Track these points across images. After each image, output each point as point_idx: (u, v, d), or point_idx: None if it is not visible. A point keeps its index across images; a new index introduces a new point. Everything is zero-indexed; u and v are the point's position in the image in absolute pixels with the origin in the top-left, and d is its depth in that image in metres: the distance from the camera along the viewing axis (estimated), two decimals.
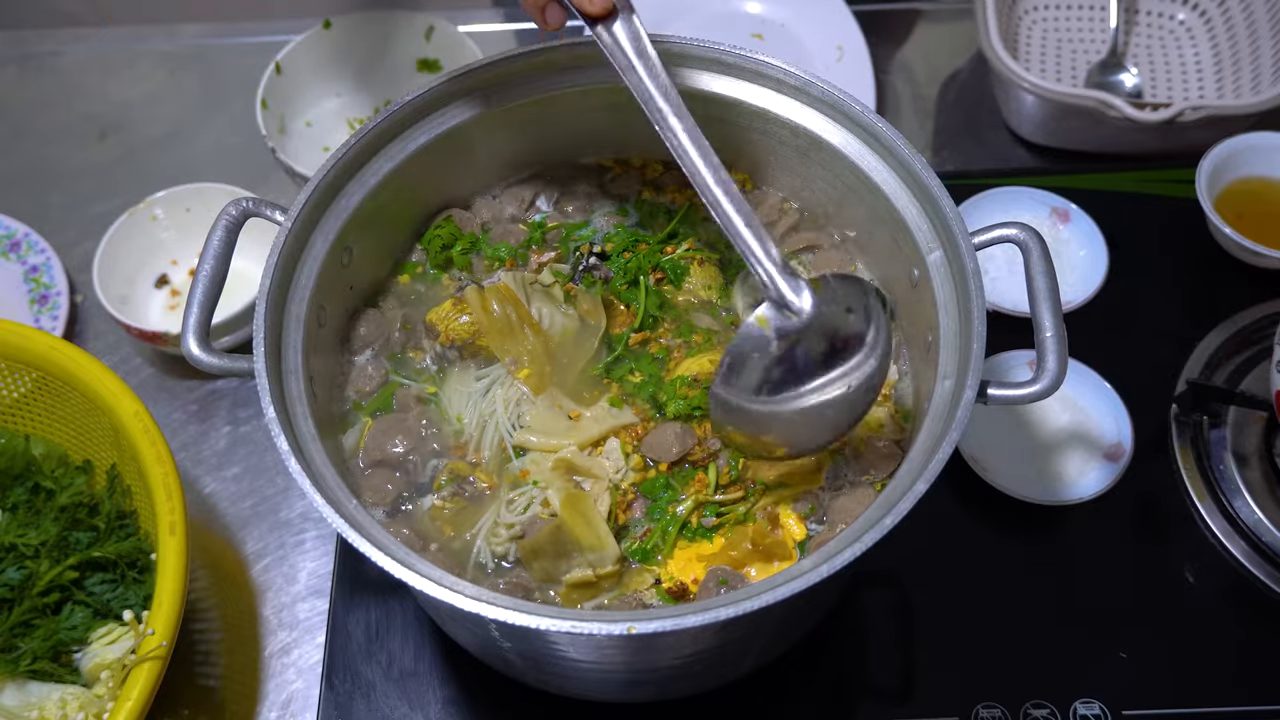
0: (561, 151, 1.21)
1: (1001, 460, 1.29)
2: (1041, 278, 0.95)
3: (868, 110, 1.04)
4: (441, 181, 1.16)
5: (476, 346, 1.09)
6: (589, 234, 1.18)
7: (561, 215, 1.21)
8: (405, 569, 0.84)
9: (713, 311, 1.13)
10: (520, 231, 1.18)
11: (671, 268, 1.14)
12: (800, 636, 1.15)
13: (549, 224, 1.19)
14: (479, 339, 1.09)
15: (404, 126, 1.08)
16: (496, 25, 1.80)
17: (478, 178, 1.19)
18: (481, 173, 1.19)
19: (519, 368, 1.07)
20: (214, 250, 0.97)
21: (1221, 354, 1.38)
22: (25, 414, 1.28)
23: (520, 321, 1.08)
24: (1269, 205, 1.46)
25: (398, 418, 1.06)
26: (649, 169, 1.22)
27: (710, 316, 1.12)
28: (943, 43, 1.77)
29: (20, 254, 1.51)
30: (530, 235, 1.18)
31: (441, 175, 1.14)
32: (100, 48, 1.79)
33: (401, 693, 1.20)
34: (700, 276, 1.14)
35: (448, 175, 1.15)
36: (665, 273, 1.14)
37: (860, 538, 0.84)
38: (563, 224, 1.19)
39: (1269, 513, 1.26)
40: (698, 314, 1.13)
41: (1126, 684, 1.19)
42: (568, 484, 1.02)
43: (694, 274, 1.14)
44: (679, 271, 1.14)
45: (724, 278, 1.15)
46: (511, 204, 1.20)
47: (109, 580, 1.17)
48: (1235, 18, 1.65)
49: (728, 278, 1.15)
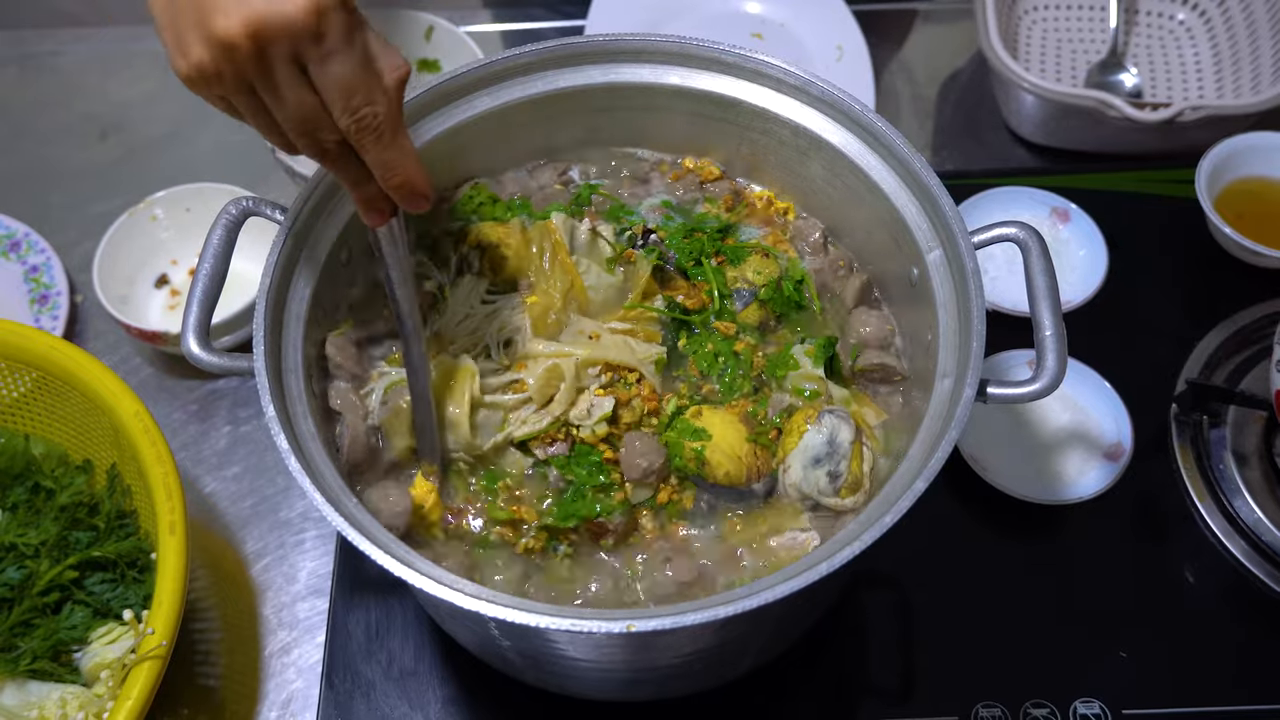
0: (590, 143, 1.20)
1: (1001, 460, 1.29)
2: (1041, 277, 0.95)
3: (868, 110, 1.04)
4: (442, 181, 1.15)
5: (500, 257, 1.08)
6: (639, 220, 1.15)
7: (607, 189, 1.19)
8: (405, 568, 0.84)
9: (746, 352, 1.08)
10: (562, 194, 1.17)
11: (733, 253, 1.12)
12: (800, 636, 1.15)
13: (599, 189, 1.17)
14: (504, 248, 1.08)
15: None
16: (497, 25, 1.80)
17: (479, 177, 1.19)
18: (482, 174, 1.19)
19: (531, 293, 1.06)
20: (214, 250, 0.97)
21: (1221, 354, 1.38)
22: (25, 414, 1.28)
23: (554, 257, 1.06)
24: (1269, 205, 1.46)
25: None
26: (704, 171, 1.20)
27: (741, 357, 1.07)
28: (943, 43, 1.77)
29: (20, 254, 1.51)
30: (580, 193, 1.16)
31: (442, 175, 1.14)
32: (100, 48, 1.79)
33: (401, 692, 1.20)
34: (758, 265, 1.11)
35: (448, 175, 1.15)
36: (726, 256, 1.12)
37: (860, 536, 0.84)
38: (610, 197, 1.17)
39: (1269, 512, 1.26)
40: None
41: (1126, 684, 1.19)
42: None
43: (751, 261, 1.12)
44: (740, 257, 1.12)
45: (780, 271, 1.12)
46: (545, 175, 1.19)
47: (109, 580, 1.17)
48: (1235, 18, 1.65)
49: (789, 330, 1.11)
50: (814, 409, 1.02)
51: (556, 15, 1.78)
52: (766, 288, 1.10)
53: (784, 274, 1.11)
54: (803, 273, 1.12)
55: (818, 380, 1.05)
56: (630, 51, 1.10)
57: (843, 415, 1.01)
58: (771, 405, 1.04)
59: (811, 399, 1.04)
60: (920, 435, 0.93)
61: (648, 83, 1.12)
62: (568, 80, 1.11)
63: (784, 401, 1.05)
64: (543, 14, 1.80)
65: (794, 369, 1.05)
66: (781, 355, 1.07)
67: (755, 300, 1.09)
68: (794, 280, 1.11)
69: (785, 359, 1.06)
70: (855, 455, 1.00)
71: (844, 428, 1.00)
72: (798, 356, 1.06)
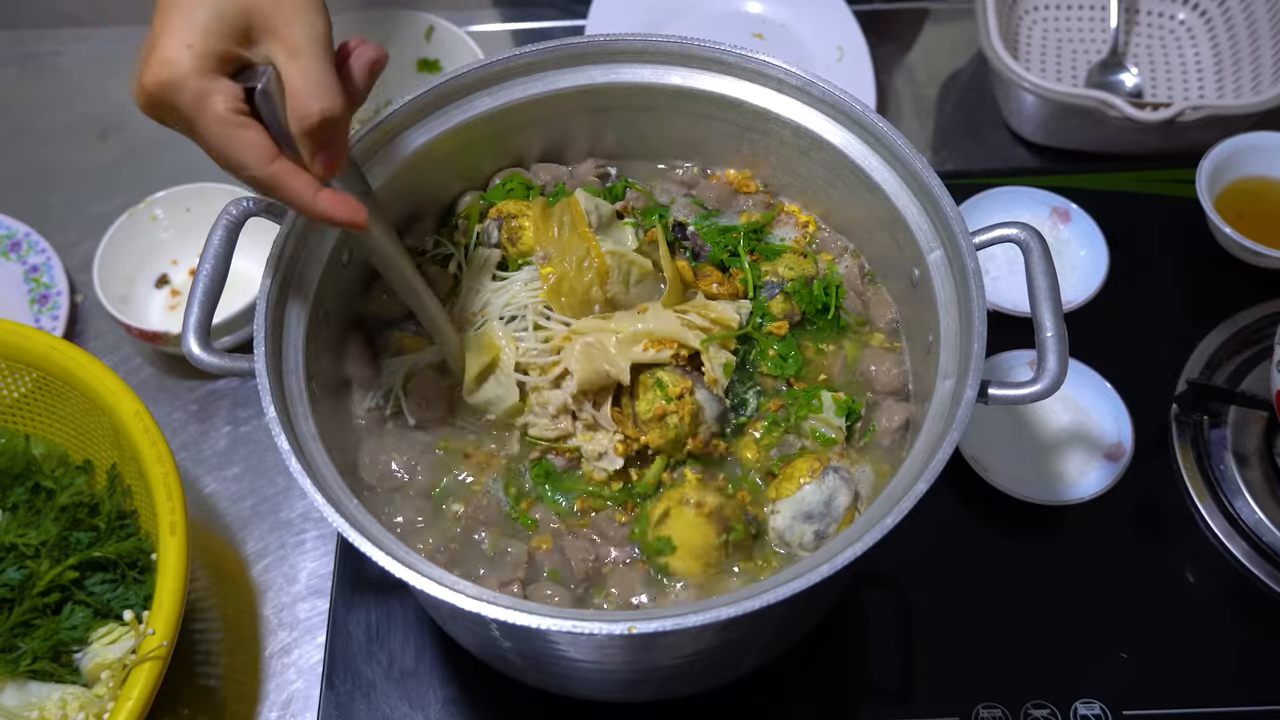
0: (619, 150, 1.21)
1: (1002, 460, 1.29)
2: (1042, 277, 0.95)
3: (868, 110, 1.04)
4: (442, 181, 1.15)
5: (518, 229, 1.07)
6: (670, 215, 1.14)
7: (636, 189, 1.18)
8: (405, 569, 0.84)
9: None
10: (594, 183, 1.16)
11: (767, 251, 1.12)
12: (800, 636, 1.15)
13: (634, 185, 1.16)
14: (522, 219, 1.07)
15: (404, 127, 1.08)
16: (497, 25, 1.80)
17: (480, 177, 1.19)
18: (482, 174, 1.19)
19: (546, 264, 1.05)
20: (214, 250, 0.96)
21: (1222, 354, 1.38)
22: (25, 414, 1.28)
23: (573, 226, 1.05)
24: (1269, 205, 1.46)
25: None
26: (740, 184, 1.19)
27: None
28: (943, 43, 1.77)
29: (20, 254, 1.51)
30: (614, 187, 1.15)
31: (442, 175, 1.14)
32: (100, 48, 1.79)
33: (402, 693, 1.20)
34: (790, 261, 1.11)
35: (449, 175, 1.15)
36: (762, 255, 1.12)
37: (861, 537, 0.84)
38: (644, 193, 1.16)
39: (1269, 513, 1.26)
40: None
41: (1127, 684, 1.19)
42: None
43: (785, 258, 1.11)
44: (774, 255, 1.12)
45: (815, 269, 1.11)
46: (582, 169, 1.18)
47: (109, 580, 1.17)
48: (1235, 18, 1.65)
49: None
50: (820, 462, 1.00)
51: (565, 14, 1.78)
52: (794, 282, 1.09)
53: (818, 276, 1.11)
54: (839, 279, 1.12)
55: (837, 430, 1.03)
56: (631, 52, 1.10)
57: (846, 477, 0.99)
58: (781, 446, 1.03)
59: (826, 445, 1.03)
60: (921, 436, 0.93)
61: (649, 83, 1.12)
62: (569, 80, 1.11)
63: (795, 446, 1.03)
64: (548, 13, 1.80)
65: (817, 412, 1.04)
66: (808, 394, 1.05)
67: (781, 293, 1.09)
68: (826, 284, 1.10)
69: (811, 398, 1.04)
70: (846, 521, 0.98)
71: (844, 491, 0.98)
72: (824, 399, 1.04)
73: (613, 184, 1.17)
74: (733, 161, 1.19)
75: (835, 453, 1.02)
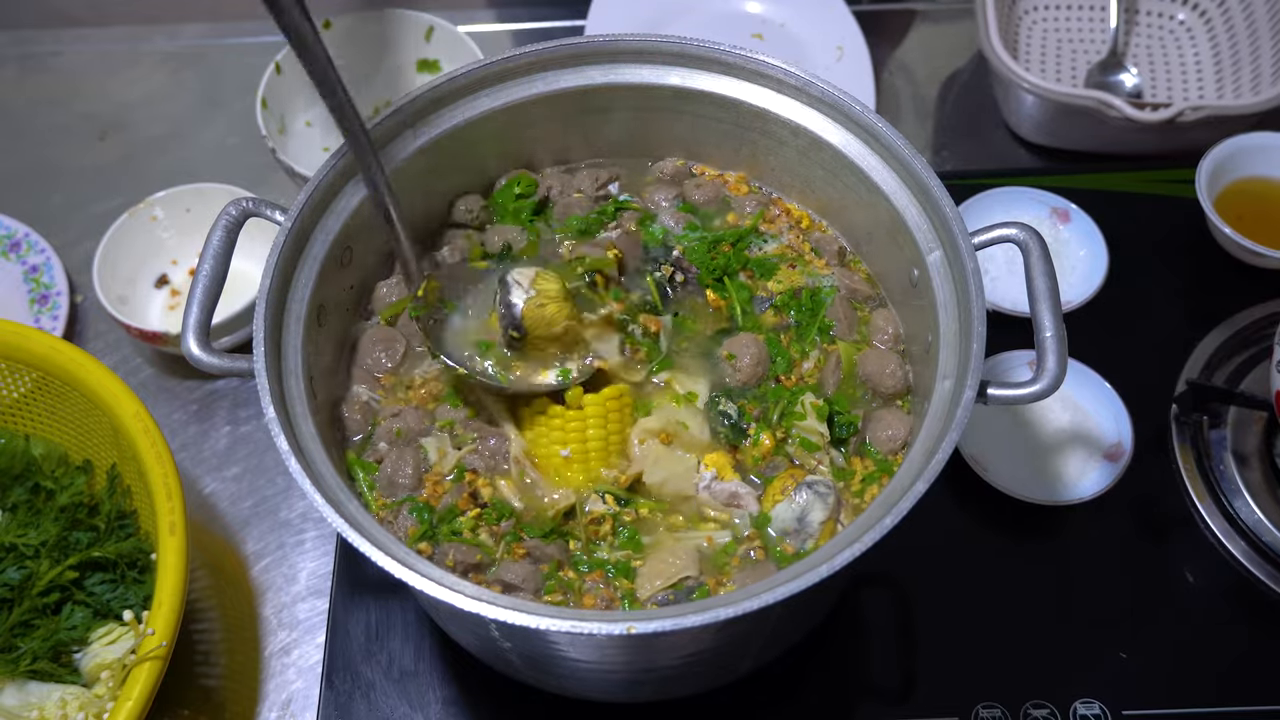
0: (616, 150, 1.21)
1: (1001, 460, 1.29)
2: (1041, 278, 0.95)
3: (868, 110, 1.04)
4: (443, 181, 1.15)
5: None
6: (659, 230, 1.15)
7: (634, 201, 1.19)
8: (405, 569, 0.84)
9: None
10: (587, 205, 1.17)
11: (760, 266, 1.13)
12: (800, 636, 1.15)
13: (630, 204, 1.17)
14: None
15: (404, 127, 1.08)
16: (497, 25, 1.80)
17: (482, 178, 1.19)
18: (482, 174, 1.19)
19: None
20: (214, 250, 0.97)
21: (1221, 354, 1.38)
22: (25, 414, 1.28)
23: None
24: (1269, 205, 1.46)
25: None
26: (732, 187, 1.20)
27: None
28: (943, 43, 1.77)
29: (20, 254, 1.51)
30: (605, 209, 1.16)
31: (442, 175, 1.14)
32: (100, 48, 1.79)
33: (401, 693, 1.20)
34: (781, 275, 1.12)
35: (449, 175, 1.15)
36: (754, 271, 1.13)
37: (860, 538, 0.84)
38: (639, 210, 1.17)
39: (1269, 513, 1.26)
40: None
41: (1126, 684, 1.19)
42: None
43: (781, 274, 1.12)
44: (768, 269, 1.13)
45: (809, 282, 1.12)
46: (583, 179, 1.19)
47: (109, 580, 1.17)
48: (1235, 18, 1.65)
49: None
50: (793, 479, 1.00)
51: (566, 14, 1.77)
52: (783, 295, 1.10)
53: (807, 288, 1.11)
54: (832, 291, 1.12)
55: (818, 435, 1.03)
56: (631, 52, 1.11)
57: (822, 492, 0.98)
58: (767, 467, 1.03)
59: (809, 449, 1.02)
60: (920, 436, 0.93)
61: (648, 83, 1.12)
62: (568, 81, 1.11)
63: (778, 469, 1.02)
64: (547, 13, 1.80)
65: (800, 419, 1.03)
66: (792, 396, 1.05)
67: (771, 307, 1.10)
68: (813, 293, 1.11)
69: (794, 404, 1.04)
70: (826, 534, 0.98)
71: (818, 506, 0.98)
72: (805, 405, 1.04)
73: (604, 205, 1.17)
74: (732, 162, 1.19)
75: (818, 459, 1.02)
